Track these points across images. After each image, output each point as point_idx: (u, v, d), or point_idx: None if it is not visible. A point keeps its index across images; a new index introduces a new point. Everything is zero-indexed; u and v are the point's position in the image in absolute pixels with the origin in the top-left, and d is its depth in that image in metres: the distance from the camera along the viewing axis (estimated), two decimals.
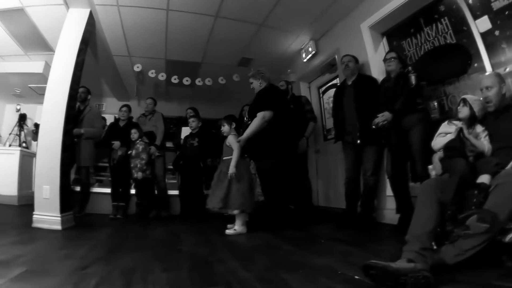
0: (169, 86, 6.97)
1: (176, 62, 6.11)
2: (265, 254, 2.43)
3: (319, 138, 5.92)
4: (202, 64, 6.24)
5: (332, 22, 5.01)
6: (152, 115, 5.50)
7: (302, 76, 6.14)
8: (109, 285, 1.63)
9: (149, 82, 6.73)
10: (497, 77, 2.36)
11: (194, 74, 6.47)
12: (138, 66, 5.98)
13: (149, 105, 5.54)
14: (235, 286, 1.63)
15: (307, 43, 5.58)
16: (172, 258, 2.33)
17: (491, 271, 1.75)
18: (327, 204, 5.57)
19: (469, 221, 1.69)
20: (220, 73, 6.43)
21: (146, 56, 5.85)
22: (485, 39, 3.20)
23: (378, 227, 3.71)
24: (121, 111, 5.34)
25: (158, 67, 6.15)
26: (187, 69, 6.32)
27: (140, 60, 5.93)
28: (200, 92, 7.33)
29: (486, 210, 1.68)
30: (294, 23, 5.03)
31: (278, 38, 5.44)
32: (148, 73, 6.12)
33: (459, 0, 3.42)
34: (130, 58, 5.89)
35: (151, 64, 6.04)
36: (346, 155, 3.92)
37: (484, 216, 1.65)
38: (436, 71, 3.67)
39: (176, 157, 5.41)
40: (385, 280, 1.55)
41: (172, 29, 4.96)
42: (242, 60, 6.17)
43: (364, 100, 3.71)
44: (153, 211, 5.04)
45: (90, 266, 1.98)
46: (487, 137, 2.21)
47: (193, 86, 6.64)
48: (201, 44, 5.50)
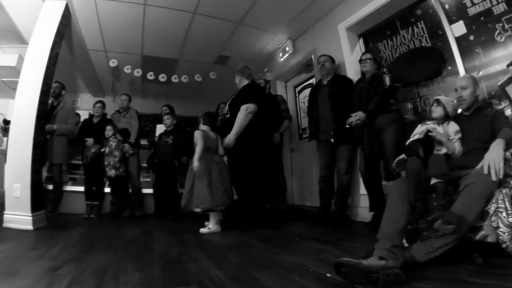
0: (145, 83, 6.89)
1: (152, 58, 6.02)
2: (238, 253, 2.44)
3: (294, 137, 5.96)
4: (178, 61, 6.19)
5: (309, 22, 5.05)
6: (127, 111, 5.41)
7: (278, 75, 6.17)
8: (81, 286, 1.61)
9: (124, 78, 6.62)
10: (472, 79, 2.42)
11: (170, 70, 6.42)
12: (113, 62, 5.87)
13: (123, 102, 5.45)
14: (207, 285, 1.63)
15: (285, 42, 5.60)
16: (145, 257, 2.30)
17: (462, 268, 1.78)
18: (302, 202, 5.62)
19: (436, 224, 1.72)
20: (197, 70, 6.41)
21: (122, 51, 5.74)
22: (459, 43, 3.32)
23: (351, 225, 3.75)
24: (95, 107, 5.24)
25: (134, 62, 6.06)
26: (163, 66, 6.25)
27: (116, 55, 5.82)
28: (176, 89, 7.25)
29: (450, 213, 1.73)
30: (272, 22, 5.04)
31: (256, 36, 5.44)
32: (123, 68, 6.03)
33: (435, 4, 3.53)
34: (106, 53, 5.76)
35: (127, 59, 5.95)
36: (320, 154, 3.96)
37: (449, 219, 1.69)
38: (410, 73, 3.76)
39: (150, 155, 5.34)
40: (357, 277, 1.57)
41: (149, 25, 4.89)
42: (219, 58, 6.14)
43: (339, 99, 3.76)
44: (127, 210, 4.98)
45: (61, 266, 1.95)
46: (459, 139, 2.26)
47: (169, 83, 6.58)
48: (178, 40, 5.45)
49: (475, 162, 1.96)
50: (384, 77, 3.40)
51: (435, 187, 1.89)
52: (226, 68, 6.18)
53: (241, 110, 3.58)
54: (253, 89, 3.89)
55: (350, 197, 4.10)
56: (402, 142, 2.53)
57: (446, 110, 2.35)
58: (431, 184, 1.92)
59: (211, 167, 3.57)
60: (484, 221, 1.83)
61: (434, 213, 1.79)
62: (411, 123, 3.38)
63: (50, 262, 2.04)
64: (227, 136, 3.63)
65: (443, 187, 1.88)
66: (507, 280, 1.55)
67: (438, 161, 2.03)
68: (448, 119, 2.37)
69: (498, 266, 1.79)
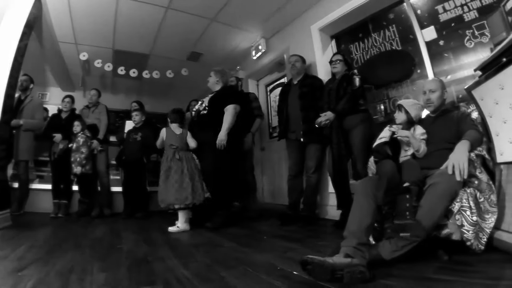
0: (116, 78, 6.73)
1: (123, 53, 5.89)
2: (206, 252, 2.45)
3: (265, 136, 6.00)
4: (150, 56, 6.08)
5: (283, 22, 5.08)
6: (96, 107, 5.30)
7: (251, 73, 6.18)
8: (46, 287, 1.60)
9: (95, 72, 6.43)
10: (440, 82, 2.50)
11: (141, 66, 6.30)
12: (84, 55, 5.69)
13: (93, 97, 5.34)
14: (173, 285, 1.64)
15: (258, 41, 5.62)
16: (112, 257, 2.29)
17: (427, 265, 1.82)
18: (272, 201, 5.67)
19: (403, 235, 1.77)
20: (169, 66, 6.33)
21: (93, 45, 5.57)
22: (429, 48, 3.43)
23: (320, 223, 3.79)
24: (63, 102, 5.11)
25: (105, 56, 5.91)
26: (134, 61, 6.13)
27: (87, 48, 5.65)
28: (147, 85, 7.17)
29: (419, 228, 1.77)
30: (246, 20, 5.05)
31: (229, 34, 5.43)
32: (94, 62, 5.87)
33: (408, 9, 3.64)
34: (77, 46, 5.58)
35: (98, 53, 5.79)
36: (290, 153, 4.00)
37: (417, 234, 1.75)
38: (380, 75, 3.87)
39: (119, 152, 5.19)
40: (322, 274, 1.59)
41: (121, 18, 4.79)
42: (191, 55, 6.08)
43: (309, 99, 3.81)
44: (96, 209, 4.86)
45: (26, 267, 1.92)
46: (424, 140, 2.32)
47: (140, 78, 6.47)
48: (151, 35, 5.36)
49: (440, 163, 2.03)
50: (354, 78, 3.45)
51: (409, 189, 1.92)
52: (198, 65, 6.17)
53: (230, 109, 3.61)
54: (237, 92, 4.03)
55: (319, 195, 4.17)
56: (370, 142, 2.59)
57: (409, 115, 2.42)
58: (404, 186, 1.95)
59: (170, 164, 3.58)
60: (449, 219, 1.90)
61: (405, 215, 1.83)
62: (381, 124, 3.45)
63: (15, 263, 2.02)
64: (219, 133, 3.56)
65: (416, 190, 1.92)
66: (472, 277, 1.60)
67: (413, 167, 2.07)
68: (413, 124, 2.44)
69: (463, 263, 1.84)
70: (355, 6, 3.93)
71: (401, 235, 1.77)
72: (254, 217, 4.33)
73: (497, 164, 2.21)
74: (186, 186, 3.50)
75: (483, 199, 1.95)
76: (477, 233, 1.87)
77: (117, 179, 5.60)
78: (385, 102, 3.89)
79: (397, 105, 2.53)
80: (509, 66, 1.94)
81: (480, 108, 2.34)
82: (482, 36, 3.01)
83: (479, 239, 1.88)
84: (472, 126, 2.19)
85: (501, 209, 2.06)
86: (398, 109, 2.50)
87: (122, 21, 4.87)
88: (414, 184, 1.94)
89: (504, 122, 2.10)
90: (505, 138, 2.12)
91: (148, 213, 4.69)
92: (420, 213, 1.84)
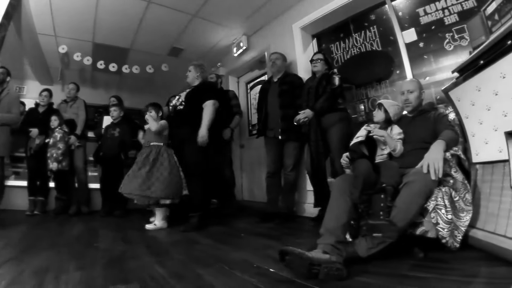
0: (95, 72, 6.61)
1: (103, 46, 5.79)
2: (182, 249, 2.47)
3: (244, 133, 6.01)
4: (130, 50, 6.00)
5: (265, 19, 5.09)
6: (74, 101, 5.19)
7: (231, 70, 6.18)
8: (20, 286, 1.60)
9: (74, 65, 6.31)
10: (418, 83, 2.57)
11: (121, 60, 6.20)
12: (63, 48, 5.57)
13: (71, 91, 5.23)
14: (148, 283, 1.65)
15: (239, 38, 5.62)
16: (88, 256, 2.28)
17: (403, 263, 1.85)
18: (251, 198, 5.69)
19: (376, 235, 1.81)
20: (149, 61, 6.28)
21: (73, 37, 5.46)
22: (409, 49, 3.51)
23: (298, 221, 3.81)
24: (41, 96, 5.01)
25: (84, 50, 5.80)
26: (114, 55, 6.04)
27: (66, 41, 5.53)
28: (127, 80, 7.06)
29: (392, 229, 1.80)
30: (228, 17, 5.04)
31: (211, 30, 5.40)
32: (73, 56, 5.76)
33: (389, 11, 3.70)
34: (56, 38, 5.46)
35: (78, 46, 5.68)
36: (268, 150, 4.02)
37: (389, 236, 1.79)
38: (360, 75, 3.92)
39: (96, 148, 5.09)
40: (299, 267, 1.63)
41: (102, 10, 4.69)
42: (172, 50, 6.04)
43: (288, 97, 3.84)
44: (73, 207, 4.78)
45: (0, 266, 1.91)
46: (400, 140, 2.37)
47: (120, 73, 6.39)
48: (131, 29, 5.29)
49: (416, 162, 2.06)
50: (334, 77, 3.49)
51: (385, 189, 1.94)
52: (179, 61, 6.12)
53: (209, 105, 3.52)
54: (216, 87, 3.99)
55: (298, 193, 4.21)
56: (347, 140, 2.63)
57: (388, 114, 2.46)
58: (380, 186, 1.97)
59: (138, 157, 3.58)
60: (424, 217, 1.94)
61: (378, 215, 1.86)
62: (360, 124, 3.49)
63: None
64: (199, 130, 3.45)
65: (391, 190, 1.93)
66: (447, 274, 1.64)
67: (392, 170, 2.09)
68: (391, 124, 2.48)
69: (438, 260, 1.88)
70: (337, 6, 3.98)
71: (374, 235, 1.81)
72: (232, 214, 4.35)
73: (473, 164, 2.30)
74: (144, 180, 3.40)
75: (458, 198, 2.00)
76: (452, 231, 1.92)
77: (95, 176, 5.49)
78: (364, 101, 3.95)
79: (377, 104, 2.58)
80: (486, 68, 2.00)
81: (457, 109, 2.41)
82: (462, 40, 3.10)
83: (454, 237, 1.93)
84: (448, 127, 2.24)
85: (476, 208, 2.13)
86: (377, 107, 2.54)
87: (103, 14, 4.79)
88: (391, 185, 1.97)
89: (480, 123, 2.17)
90: (481, 139, 2.19)
91: (126, 210, 4.65)
92: (395, 211, 1.87)
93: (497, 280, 1.53)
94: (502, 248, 1.80)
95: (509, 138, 1.92)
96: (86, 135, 5.16)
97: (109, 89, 7.30)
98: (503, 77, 1.86)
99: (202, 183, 3.53)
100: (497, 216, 1.95)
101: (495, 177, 2.08)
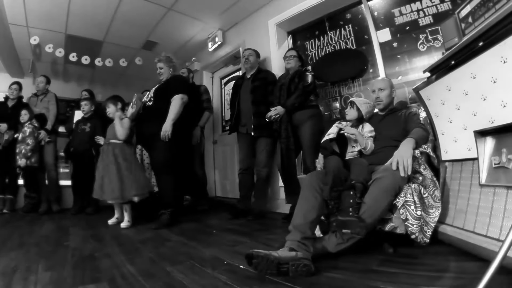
0: (67, 64, 6.42)
1: (76, 38, 5.61)
2: (153, 247, 2.47)
3: (218, 129, 6.00)
4: (104, 43, 5.85)
5: (242, 14, 5.08)
6: (45, 95, 5.08)
7: (206, 65, 6.14)
8: None
9: (46, 58, 6.12)
10: (389, 81, 2.63)
11: (94, 53, 6.04)
12: (35, 39, 5.37)
13: (40, 84, 5.10)
14: (118, 282, 1.65)
15: (215, 32, 5.58)
16: (58, 255, 2.26)
17: (373, 258, 1.90)
18: (224, 194, 5.71)
19: (345, 232, 1.83)
20: (122, 54, 6.16)
21: (45, 28, 5.27)
22: (383, 49, 3.58)
23: (270, 217, 3.84)
24: (10, 89, 4.89)
25: (57, 41, 5.61)
26: (87, 47, 5.87)
27: (38, 32, 5.33)
28: (100, 74, 6.90)
29: (360, 225, 1.81)
30: (204, 11, 4.99)
31: (186, 24, 5.34)
32: (45, 47, 5.57)
33: (365, 11, 3.78)
34: (28, 29, 5.25)
35: (50, 37, 5.48)
36: (241, 147, 4.06)
37: (357, 232, 1.81)
38: (333, 72, 3.97)
39: (67, 144, 4.97)
40: (267, 268, 1.64)
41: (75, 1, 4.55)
42: (146, 43, 5.94)
43: (260, 93, 3.85)
44: (43, 204, 4.68)
45: None
46: (371, 138, 2.43)
47: (93, 66, 6.22)
48: (105, 21, 5.15)
49: (386, 159, 2.12)
50: (307, 75, 3.54)
51: (354, 186, 1.95)
52: (153, 55, 5.90)
53: (177, 99, 3.48)
54: (186, 81, 3.93)
55: (270, 189, 4.25)
56: (319, 137, 2.66)
57: (360, 112, 2.52)
58: (350, 183, 1.99)
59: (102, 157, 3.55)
60: (393, 213, 1.97)
61: (348, 211, 1.87)
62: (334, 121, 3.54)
63: None
64: (164, 124, 3.40)
65: (361, 187, 1.95)
66: (416, 269, 1.68)
67: (362, 167, 2.11)
68: (362, 121, 2.54)
69: (408, 256, 1.93)
70: (314, 3, 4.01)
71: (343, 232, 1.84)
72: (204, 211, 4.37)
73: (442, 162, 2.38)
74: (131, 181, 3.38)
75: (427, 195, 2.06)
76: (421, 226, 1.95)
77: (66, 172, 5.42)
78: (337, 99, 4.01)
79: (349, 102, 2.62)
80: (457, 68, 2.04)
81: (427, 107, 2.48)
82: (435, 41, 3.19)
83: (423, 232, 1.98)
84: (419, 125, 2.30)
85: (446, 204, 2.21)
86: (350, 105, 2.59)
87: (76, 4, 4.64)
88: (360, 182, 1.99)
89: (450, 122, 2.25)
90: (450, 137, 2.27)
91: (98, 207, 4.58)
92: (364, 208, 1.90)
93: (465, 274, 1.57)
94: (470, 244, 1.86)
95: (478, 137, 1.98)
96: (57, 130, 5.07)
97: (81, 83, 7.14)
98: (473, 78, 1.91)
99: (172, 179, 3.49)
100: (466, 213, 2.02)
101: (464, 174, 2.16)
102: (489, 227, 1.78)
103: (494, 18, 1.69)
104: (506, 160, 1.76)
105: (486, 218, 1.82)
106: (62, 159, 5.43)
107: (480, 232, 1.84)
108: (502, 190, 1.75)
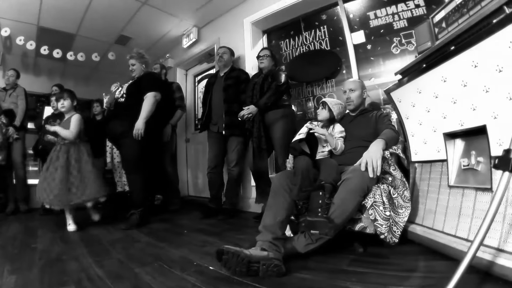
0: (38, 58, 6.23)
1: (48, 31, 5.44)
2: (122, 248, 2.46)
3: (190, 127, 5.97)
4: (76, 36, 5.70)
5: (217, 12, 5.06)
6: (14, 89, 4.92)
7: (180, 62, 6.09)
8: None
9: (16, 50, 5.91)
10: (360, 83, 2.69)
11: (66, 46, 5.89)
12: (6, 30, 5.16)
13: (10, 78, 4.94)
14: (85, 284, 1.65)
15: (190, 29, 5.54)
16: (24, 257, 2.23)
17: (343, 258, 1.93)
18: (197, 193, 5.69)
19: (313, 232, 1.85)
20: (95, 49, 6.04)
21: (16, 20, 5.09)
22: (357, 51, 3.65)
23: (242, 216, 3.87)
24: None
25: (28, 33, 5.42)
26: (59, 40, 5.70)
27: (9, 23, 5.13)
28: (72, 68, 6.71)
29: (329, 226, 1.81)
30: (179, 6, 4.94)
31: (161, 19, 5.28)
32: (16, 39, 5.38)
33: (341, 12, 3.83)
34: None
35: (21, 29, 5.29)
36: (211, 145, 4.03)
37: (326, 233, 1.82)
38: (306, 73, 4.02)
39: (37, 141, 4.85)
40: (237, 265, 1.66)
41: None
42: (120, 38, 5.83)
43: (233, 92, 3.84)
44: (10, 204, 4.57)
45: None
46: (342, 138, 2.47)
47: (65, 60, 6.07)
48: (78, 13, 5.00)
49: (356, 160, 2.12)
50: (280, 74, 3.55)
51: (323, 186, 1.95)
52: (126, 49, 5.81)
53: (150, 97, 3.44)
54: (159, 79, 3.89)
55: (242, 188, 4.28)
56: (290, 137, 2.66)
57: (332, 113, 2.57)
58: (319, 184, 1.99)
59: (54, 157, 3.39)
60: (362, 214, 2.01)
61: (317, 212, 1.87)
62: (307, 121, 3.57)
63: None
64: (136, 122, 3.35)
65: (330, 187, 1.96)
66: (386, 269, 1.71)
67: (331, 168, 2.12)
68: (334, 122, 2.58)
69: (377, 255, 1.97)
70: (291, 3, 4.05)
71: (312, 232, 1.85)
72: (176, 210, 4.36)
73: (412, 163, 2.46)
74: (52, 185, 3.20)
75: (397, 195, 2.12)
76: (390, 227, 1.99)
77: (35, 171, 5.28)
78: (310, 99, 4.06)
79: (321, 102, 2.66)
80: (428, 71, 2.10)
81: (398, 109, 2.54)
82: (409, 44, 3.29)
83: (392, 232, 2.01)
84: (389, 126, 2.33)
85: (415, 204, 2.28)
86: (322, 106, 2.63)
87: None
88: (329, 182, 2.00)
89: (420, 123, 2.31)
90: (420, 139, 2.34)
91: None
92: (333, 208, 1.90)
93: (434, 274, 1.61)
94: (439, 243, 1.91)
95: (448, 139, 2.04)
96: (26, 126, 4.93)
97: (52, 77, 6.90)
98: (443, 81, 1.96)
99: (142, 179, 3.47)
100: (435, 213, 2.08)
101: (433, 175, 2.22)
102: (458, 227, 1.84)
103: (467, 23, 1.75)
104: (475, 162, 1.82)
105: (455, 218, 1.87)
106: (31, 156, 5.28)
107: (449, 232, 1.90)
108: (471, 191, 1.80)
